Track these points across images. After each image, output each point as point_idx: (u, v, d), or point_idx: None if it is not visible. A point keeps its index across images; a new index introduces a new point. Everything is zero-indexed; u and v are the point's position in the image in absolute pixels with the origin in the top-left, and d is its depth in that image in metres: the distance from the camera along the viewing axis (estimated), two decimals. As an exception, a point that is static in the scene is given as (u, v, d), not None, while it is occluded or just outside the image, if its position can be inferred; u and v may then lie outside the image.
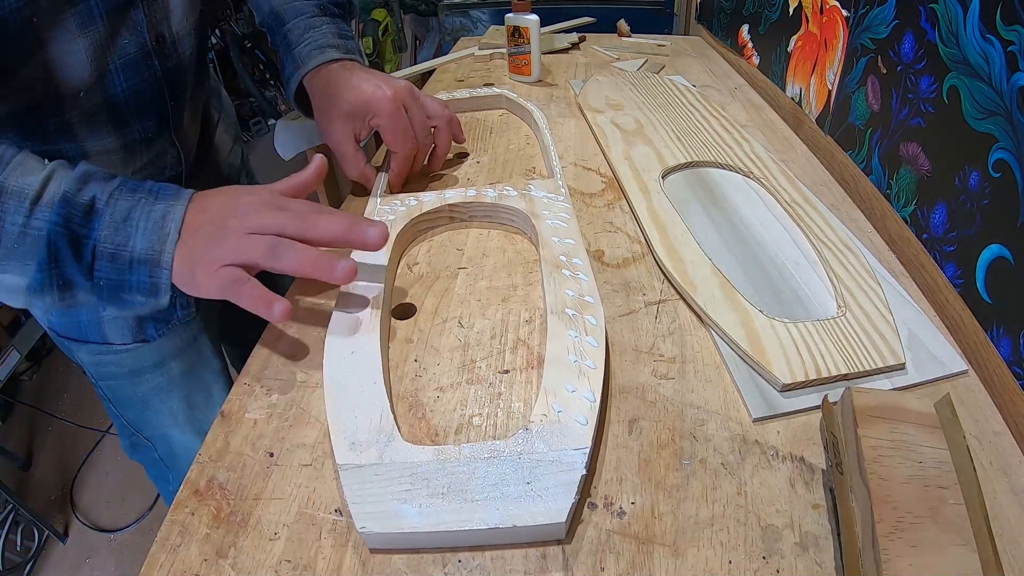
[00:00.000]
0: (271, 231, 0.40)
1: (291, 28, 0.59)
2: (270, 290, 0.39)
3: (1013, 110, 0.39)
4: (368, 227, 0.41)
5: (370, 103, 0.55)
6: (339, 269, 0.40)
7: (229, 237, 0.40)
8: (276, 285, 0.42)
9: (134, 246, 0.39)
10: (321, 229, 0.41)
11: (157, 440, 0.70)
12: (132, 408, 0.67)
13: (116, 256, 0.39)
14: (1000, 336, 0.40)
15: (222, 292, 0.40)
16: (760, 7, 0.89)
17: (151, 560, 0.31)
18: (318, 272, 0.40)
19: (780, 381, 0.38)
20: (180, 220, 0.40)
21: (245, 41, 2.36)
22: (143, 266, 0.39)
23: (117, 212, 0.39)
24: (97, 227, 0.39)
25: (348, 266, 0.40)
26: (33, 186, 0.38)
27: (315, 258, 0.40)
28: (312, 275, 0.40)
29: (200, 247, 0.40)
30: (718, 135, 0.68)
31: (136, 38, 0.48)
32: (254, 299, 0.39)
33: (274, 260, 0.39)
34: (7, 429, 1.55)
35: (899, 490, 0.29)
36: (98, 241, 0.39)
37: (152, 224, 0.40)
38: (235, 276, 0.39)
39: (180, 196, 0.41)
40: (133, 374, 0.63)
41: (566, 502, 0.31)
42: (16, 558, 1.22)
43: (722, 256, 0.50)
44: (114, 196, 0.40)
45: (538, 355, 0.42)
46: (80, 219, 0.39)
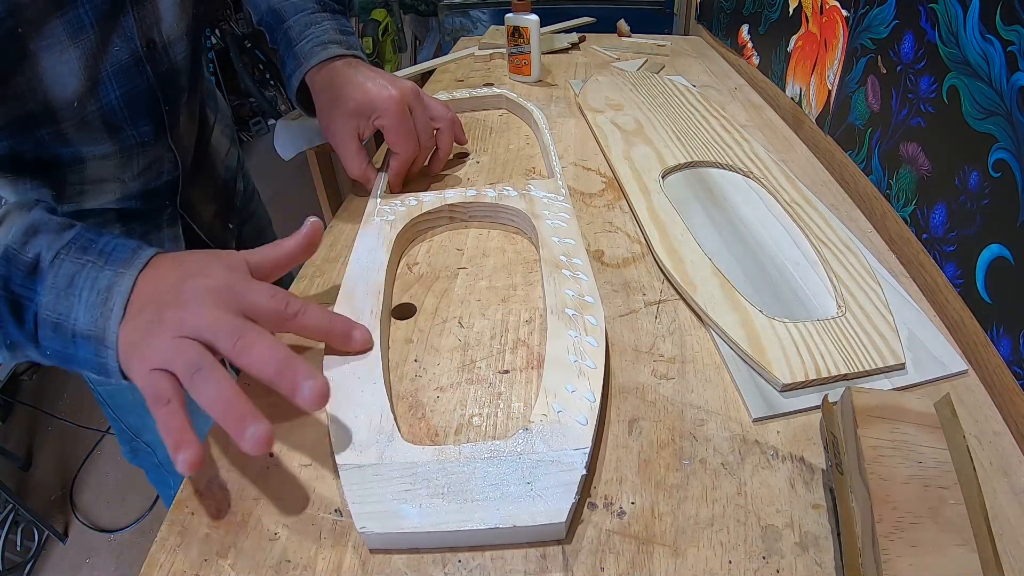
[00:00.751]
0: (203, 339, 0.33)
1: (291, 25, 0.59)
2: (188, 423, 0.32)
3: (1013, 110, 0.39)
4: (304, 378, 0.32)
5: (375, 103, 0.55)
6: (248, 434, 0.30)
7: (162, 333, 0.33)
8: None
9: (76, 318, 0.34)
10: (252, 360, 0.33)
11: (157, 445, 0.69)
12: (132, 413, 0.66)
13: (59, 327, 0.35)
14: (1000, 336, 0.40)
15: (146, 401, 0.33)
16: (760, 7, 0.89)
17: (151, 560, 0.31)
18: (225, 424, 0.31)
19: (780, 381, 0.38)
20: (127, 295, 0.35)
21: (245, 41, 2.36)
22: (87, 343, 0.35)
23: (60, 277, 0.35)
24: (40, 290, 0.35)
25: (261, 433, 0.30)
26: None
27: (227, 403, 0.31)
28: (220, 423, 0.31)
29: (138, 335, 0.34)
30: (718, 135, 0.68)
31: (127, 44, 0.47)
32: (165, 430, 0.31)
33: (190, 384, 0.32)
34: (7, 429, 1.55)
35: (899, 490, 0.29)
36: (40, 307, 0.34)
37: (96, 296, 0.35)
38: (157, 391, 0.32)
39: (133, 262, 0.36)
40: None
41: (566, 502, 0.31)
42: (16, 558, 1.22)
43: (722, 256, 0.50)
44: (60, 256, 0.35)
45: (538, 355, 0.42)
46: (21, 279, 0.34)
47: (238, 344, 0.33)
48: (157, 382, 0.32)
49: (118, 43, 0.46)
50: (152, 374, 0.33)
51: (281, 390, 0.32)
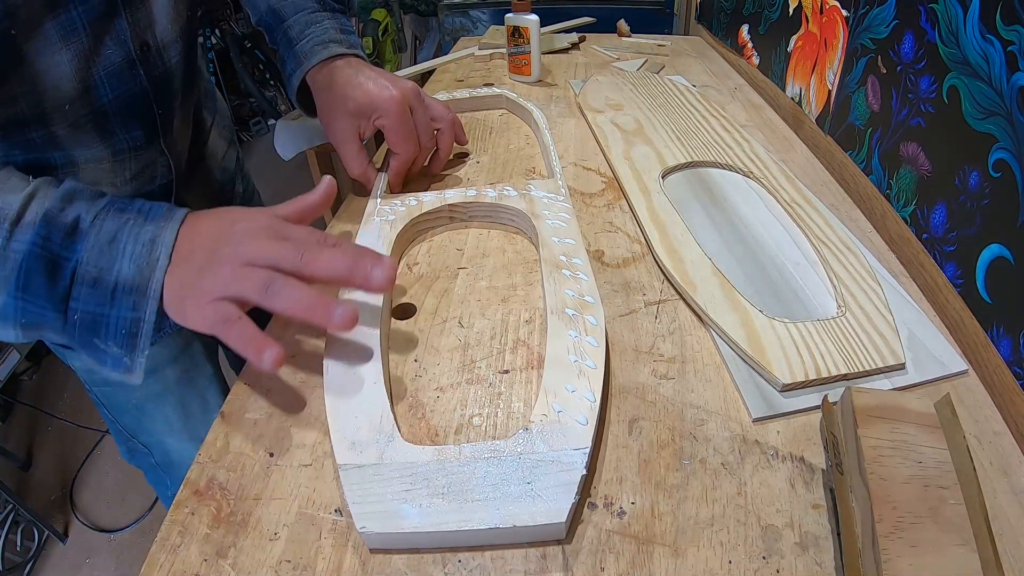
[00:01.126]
0: (266, 263, 0.36)
1: (291, 24, 0.58)
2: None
3: (1013, 110, 0.39)
4: (373, 266, 0.37)
5: (376, 103, 0.54)
6: (337, 316, 0.36)
7: (222, 267, 0.36)
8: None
9: (120, 271, 0.36)
10: (321, 265, 0.37)
11: (153, 447, 0.69)
12: (128, 415, 0.66)
13: (98, 281, 0.36)
14: (1000, 336, 0.40)
15: (211, 328, 0.36)
16: (760, 7, 0.89)
17: (151, 560, 0.31)
18: (313, 317, 0.36)
19: (780, 381, 0.38)
20: (171, 244, 0.37)
21: (245, 41, 2.36)
22: (127, 296, 0.36)
23: (103, 233, 0.36)
24: (80, 248, 0.36)
25: (348, 313, 0.36)
26: (13, 206, 0.36)
27: (311, 301, 0.36)
28: (306, 319, 0.36)
29: (191, 276, 0.37)
30: (718, 135, 0.68)
31: (120, 47, 0.47)
32: (243, 341, 0.35)
33: (267, 298, 0.36)
34: (7, 429, 1.55)
35: (899, 490, 0.29)
36: (80, 263, 0.36)
37: (140, 247, 0.37)
38: (225, 313, 0.36)
39: (172, 217, 0.38)
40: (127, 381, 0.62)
41: (566, 502, 0.31)
42: (16, 558, 1.22)
43: (722, 256, 0.50)
44: (100, 216, 0.37)
45: (538, 355, 0.42)
46: (61, 240, 0.36)
47: (305, 256, 0.37)
48: (221, 308, 0.36)
49: (111, 46, 0.46)
50: (214, 303, 0.36)
51: (355, 281, 0.38)
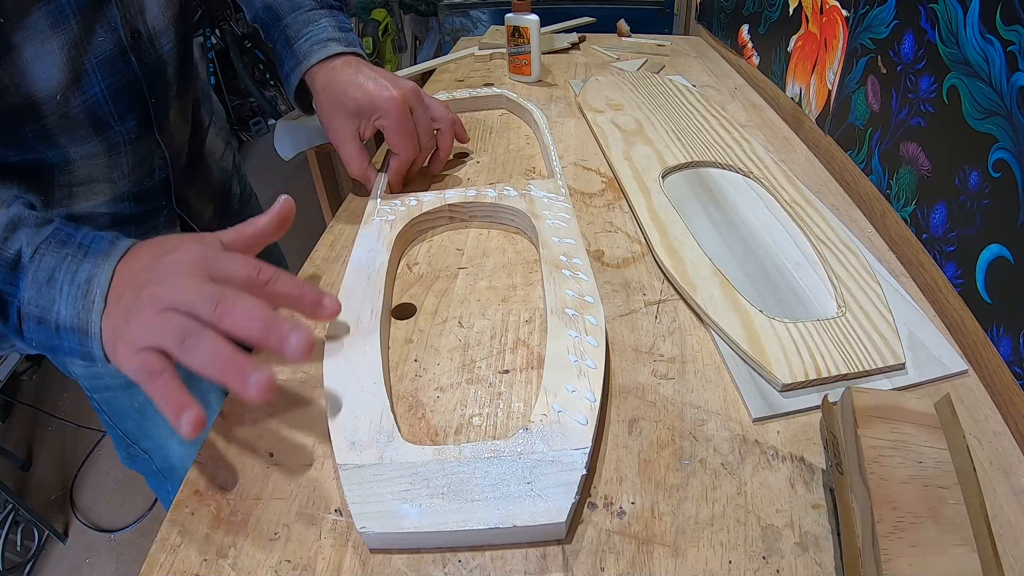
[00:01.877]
0: (185, 309, 0.33)
1: (289, 23, 0.58)
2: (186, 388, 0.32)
3: (1013, 110, 0.39)
4: (290, 332, 0.32)
5: (377, 103, 0.54)
6: (252, 383, 0.31)
7: (143, 311, 0.33)
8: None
9: (59, 311, 0.35)
10: (236, 319, 0.32)
11: (154, 452, 0.68)
12: (129, 419, 0.65)
13: (42, 320, 0.35)
14: (1000, 336, 0.40)
15: (137, 380, 0.33)
16: (760, 7, 0.89)
17: (151, 560, 0.31)
18: (227, 380, 0.31)
19: (780, 381, 0.38)
20: (107, 284, 0.35)
21: (245, 41, 2.36)
22: (71, 334, 0.35)
23: (41, 271, 0.35)
24: (21, 286, 0.35)
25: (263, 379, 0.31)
26: None
27: (225, 363, 0.31)
28: (221, 382, 0.32)
29: (120, 319, 0.34)
30: (718, 135, 0.68)
31: (111, 35, 0.46)
32: (164, 399, 0.31)
33: (183, 352, 0.32)
34: (7, 429, 1.55)
35: (899, 490, 0.29)
36: (23, 302, 0.35)
37: (77, 289, 0.35)
38: (148, 365, 0.32)
39: (111, 252, 0.36)
40: (129, 384, 0.60)
41: (566, 502, 0.31)
42: (16, 558, 1.22)
43: (722, 256, 0.50)
44: (40, 251, 0.36)
45: (538, 355, 0.42)
46: (4, 275, 0.35)
47: (219, 308, 0.33)
48: (146, 359, 0.32)
49: (102, 34, 0.46)
50: (140, 353, 0.33)
51: (268, 346, 0.32)
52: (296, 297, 0.37)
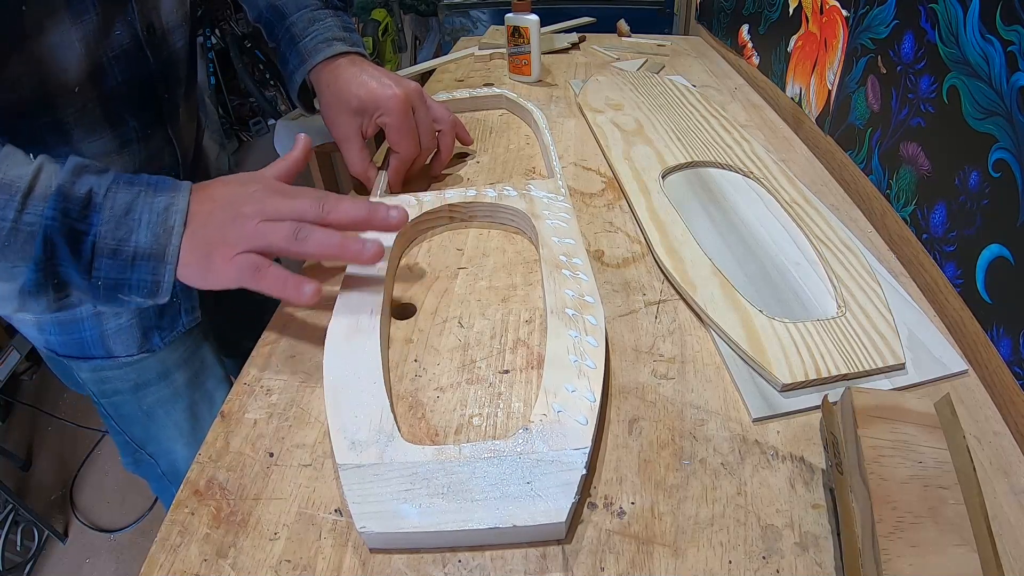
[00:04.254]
0: (290, 216, 0.39)
1: (294, 22, 0.58)
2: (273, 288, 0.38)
3: (1013, 110, 0.39)
4: (389, 209, 0.42)
5: (380, 101, 0.55)
6: (367, 249, 0.40)
7: (246, 222, 0.39)
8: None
9: (137, 241, 0.38)
10: (342, 213, 0.41)
11: (160, 456, 0.68)
12: (136, 424, 0.65)
13: (117, 252, 0.38)
14: (1000, 336, 0.40)
15: (239, 280, 0.39)
16: (760, 7, 0.89)
17: (151, 560, 0.31)
18: (345, 253, 0.40)
19: (780, 381, 0.38)
20: (184, 211, 0.39)
21: (245, 41, 2.36)
22: (146, 263, 0.38)
23: (117, 206, 0.37)
24: (96, 222, 0.37)
25: (375, 246, 0.40)
26: (24, 178, 0.36)
27: (340, 240, 0.39)
28: (339, 257, 0.40)
29: (214, 234, 0.39)
30: (718, 135, 0.68)
31: (128, 28, 0.47)
32: (279, 283, 0.38)
33: (297, 244, 0.39)
34: (7, 429, 1.55)
35: (899, 490, 0.29)
36: (98, 237, 0.37)
37: (155, 217, 0.38)
38: (255, 262, 0.38)
39: (180, 187, 0.40)
40: (138, 387, 0.61)
41: (566, 502, 0.31)
42: (16, 558, 1.22)
43: (722, 256, 0.50)
44: (112, 189, 0.38)
45: (538, 355, 0.42)
46: (77, 213, 0.37)
47: (325, 207, 0.40)
48: (249, 259, 0.38)
49: (119, 27, 0.46)
50: (242, 255, 0.38)
51: (373, 227, 0.42)
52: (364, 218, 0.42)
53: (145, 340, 0.59)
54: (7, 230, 0.35)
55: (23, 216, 0.35)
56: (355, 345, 0.41)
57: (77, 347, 0.57)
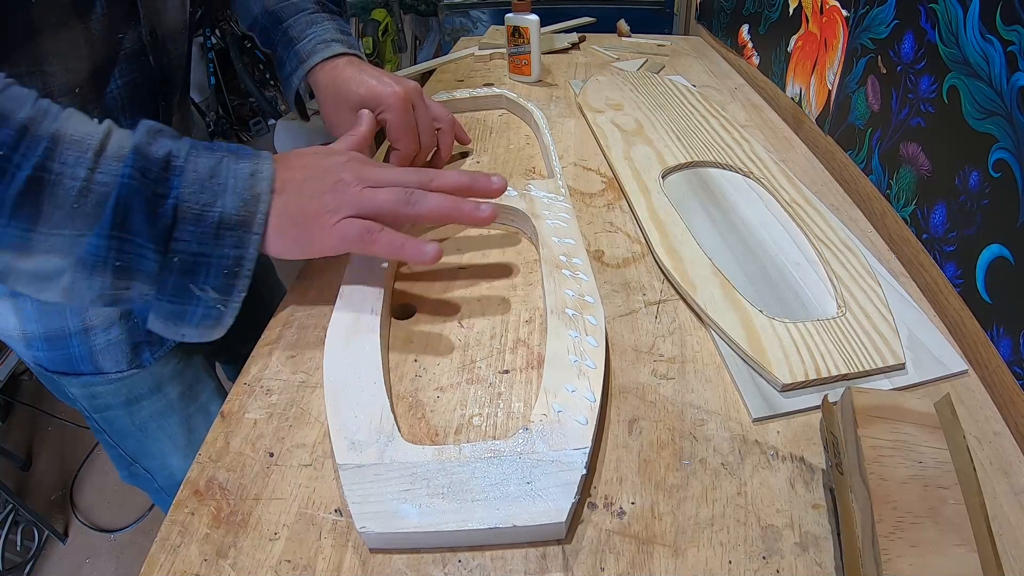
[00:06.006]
0: (392, 183, 0.39)
1: (291, 24, 0.59)
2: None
3: (1013, 110, 0.39)
4: (491, 176, 0.43)
5: (380, 97, 0.55)
6: (483, 210, 0.40)
7: (348, 188, 0.38)
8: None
9: (223, 206, 0.35)
10: (446, 179, 0.41)
11: (157, 471, 0.67)
12: (131, 439, 0.64)
13: (201, 218, 0.34)
14: (1000, 336, 0.40)
15: (343, 245, 0.38)
16: (760, 7, 0.89)
17: (151, 560, 0.31)
18: (462, 213, 0.40)
19: (780, 381, 0.38)
20: (271, 179, 0.37)
21: (245, 41, 2.36)
22: (232, 233, 0.35)
23: (200, 169, 0.35)
24: (177, 185, 0.34)
25: (490, 207, 0.41)
26: (95, 136, 0.33)
27: (455, 202, 0.40)
28: (454, 218, 0.40)
29: (311, 201, 0.38)
30: (718, 135, 0.68)
31: (133, 31, 0.46)
32: (395, 245, 0.38)
33: (410, 207, 0.39)
34: (7, 429, 1.55)
35: (899, 490, 0.29)
36: (180, 200, 0.34)
37: (241, 182, 0.36)
38: (365, 226, 0.38)
39: (262, 155, 0.38)
40: (129, 402, 0.60)
41: (566, 502, 0.31)
42: (16, 558, 1.22)
43: (722, 256, 0.50)
44: (192, 153, 0.35)
45: (538, 355, 0.42)
46: (157, 174, 0.34)
47: (428, 174, 0.41)
48: (357, 224, 0.38)
49: (124, 28, 0.45)
50: (349, 221, 0.38)
51: (475, 194, 0.43)
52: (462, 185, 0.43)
53: (135, 356, 0.57)
54: (77, 190, 0.32)
55: (96, 175, 0.32)
56: (355, 345, 0.41)
57: (66, 363, 0.55)
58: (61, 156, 0.31)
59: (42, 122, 0.32)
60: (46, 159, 0.31)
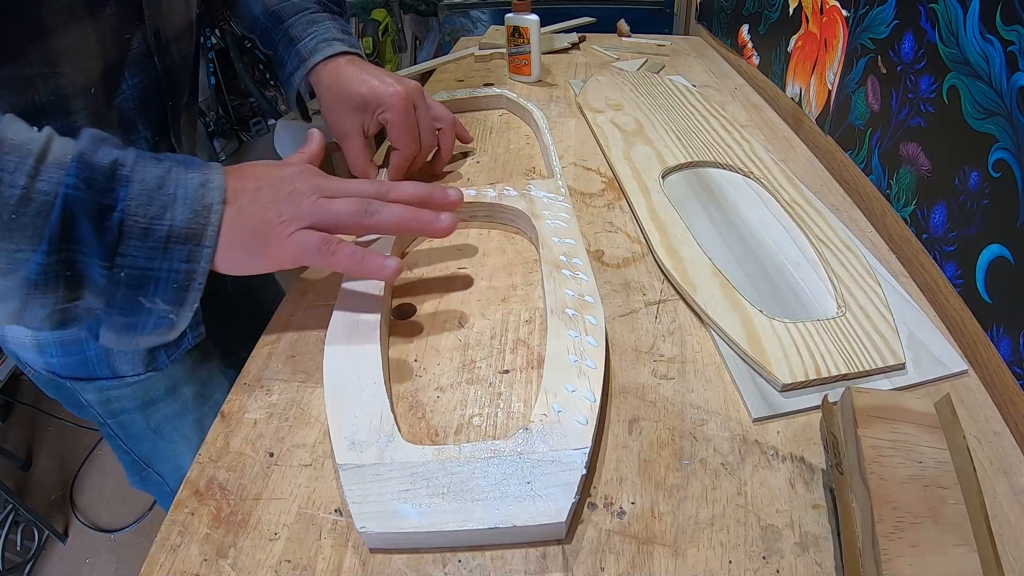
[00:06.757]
0: (349, 194, 0.39)
1: (292, 24, 0.59)
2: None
3: (1013, 110, 0.39)
4: (447, 189, 0.43)
5: (381, 97, 0.55)
6: (442, 220, 0.40)
7: (304, 198, 0.37)
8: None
9: (172, 219, 0.33)
10: (402, 191, 0.41)
11: (168, 474, 0.67)
12: (145, 442, 0.63)
13: (149, 233, 0.33)
14: (1000, 336, 0.40)
15: (300, 258, 0.37)
16: (760, 7, 0.89)
17: (151, 560, 0.31)
18: (421, 224, 0.40)
19: (780, 381, 0.38)
20: (222, 188, 0.35)
21: (245, 41, 2.36)
22: (181, 246, 0.34)
23: (148, 179, 0.33)
24: (123, 196, 0.32)
25: (450, 218, 0.40)
26: (36, 142, 0.31)
27: (414, 211, 0.39)
28: (413, 229, 0.40)
29: (264, 211, 0.36)
30: (718, 135, 0.68)
31: (139, 32, 0.46)
32: (355, 259, 0.37)
33: (368, 218, 0.38)
34: (7, 429, 1.55)
35: (899, 490, 0.29)
36: (126, 213, 0.32)
37: (191, 193, 0.34)
38: (323, 238, 0.37)
39: (211, 166, 0.37)
40: (145, 405, 0.59)
41: (566, 502, 0.31)
42: (16, 558, 1.22)
43: (722, 256, 0.50)
44: (139, 164, 0.33)
45: (538, 355, 0.42)
46: (102, 184, 0.32)
47: (383, 186, 0.41)
48: (313, 236, 0.37)
49: (130, 30, 0.45)
50: (301, 233, 0.37)
51: (432, 206, 0.42)
52: (426, 194, 0.43)
53: (152, 359, 0.56)
54: (16, 198, 0.29)
55: (37, 183, 0.30)
56: (355, 345, 0.41)
57: (81, 368, 0.54)
58: (0, 161, 0.29)
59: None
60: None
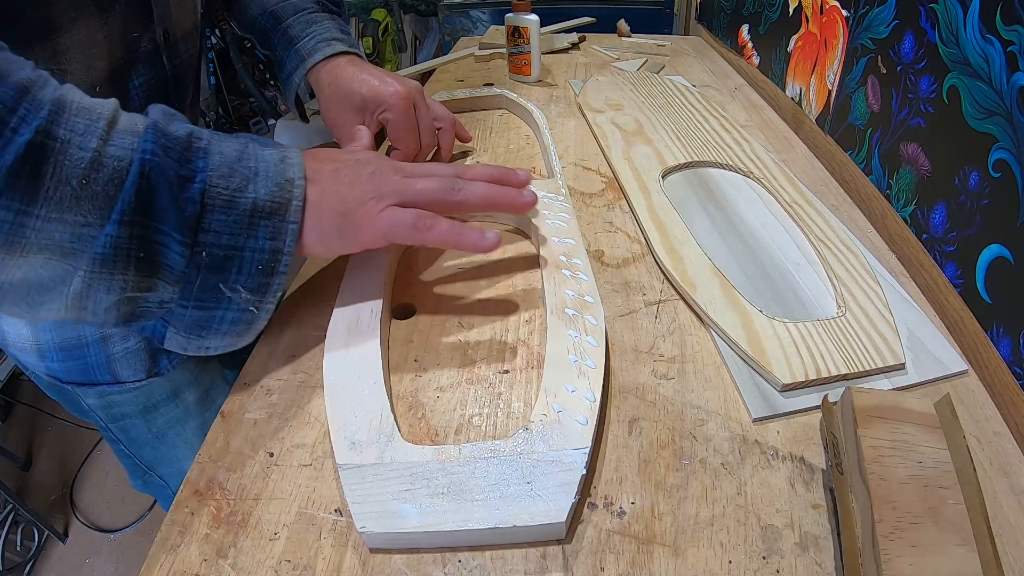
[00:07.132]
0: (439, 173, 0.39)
1: (291, 24, 0.59)
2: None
3: (1013, 110, 0.39)
4: (517, 170, 0.44)
5: (382, 96, 0.55)
6: (525, 196, 0.41)
7: (388, 176, 0.37)
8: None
9: (256, 192, 0.31)
10: (479, 170, 0.42)
11: (171, 478, 0.66)
12: (147, 447, 0.63)
13: (232, 205, 0.31)
14: (1000, 336, 0.40)
15: (394, 234, 0.36)
16: (760, 7, 0.89)
17: (151, 560, 0.31)
18: (505, 200, 0.41)
19: (780, 381, 0.38)
20: (302, 165, 0.34)
21: (245, 41, 2.36)
22: (266, 221, 0.32)
23: (227, 151, 0.31)
24: (202, 167, 0.30)
25: (532, 193, 0.42)
26: (107, 106, 0.29)
27: (496, 189, 0.40)
28: (497, 205, 0.41)
29: (350, 189, 0.36)
30: (718, 135, 0.68)
31: (147, 30, 0.46)
32: (453, 232, 0.37)
33: (455, 195, 0.39)
34: (7, 429, 1.55)
35: (899, 490, 0.29)
36: (208, 184, 0.30)
37: (272, 167, 0.33)
38: (417, 214, 0.37)
39: (286, 146, 0.37)
40: (147, 410, 0.59)
41: (566, 502, 0.31)
42: (16, 558, 1.22)
43: (722, 256, 0.50)
44: (215, 136, 0.32)
45: (538, 355, 0.42)
46: (179, 153, 0.29)
47: (460, 168, 0.42)
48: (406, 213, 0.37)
49: (139, 29, 0.45)
50: (391, 210, 0.37)
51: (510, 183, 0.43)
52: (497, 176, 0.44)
53: (153, 364, 0.56)
54: (87, 161, 0.27)
55: (108, 147, 0.27)
56: (355, 345, 0.40)
57: (82, 373, 0.54)
58: (68, 122, 0.27)
59: (44, 87, 0.28)
60: (51, 123, 0.27)
